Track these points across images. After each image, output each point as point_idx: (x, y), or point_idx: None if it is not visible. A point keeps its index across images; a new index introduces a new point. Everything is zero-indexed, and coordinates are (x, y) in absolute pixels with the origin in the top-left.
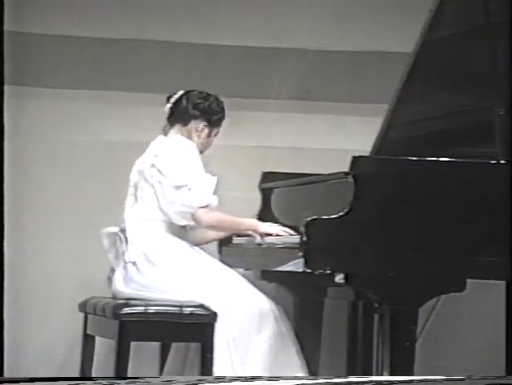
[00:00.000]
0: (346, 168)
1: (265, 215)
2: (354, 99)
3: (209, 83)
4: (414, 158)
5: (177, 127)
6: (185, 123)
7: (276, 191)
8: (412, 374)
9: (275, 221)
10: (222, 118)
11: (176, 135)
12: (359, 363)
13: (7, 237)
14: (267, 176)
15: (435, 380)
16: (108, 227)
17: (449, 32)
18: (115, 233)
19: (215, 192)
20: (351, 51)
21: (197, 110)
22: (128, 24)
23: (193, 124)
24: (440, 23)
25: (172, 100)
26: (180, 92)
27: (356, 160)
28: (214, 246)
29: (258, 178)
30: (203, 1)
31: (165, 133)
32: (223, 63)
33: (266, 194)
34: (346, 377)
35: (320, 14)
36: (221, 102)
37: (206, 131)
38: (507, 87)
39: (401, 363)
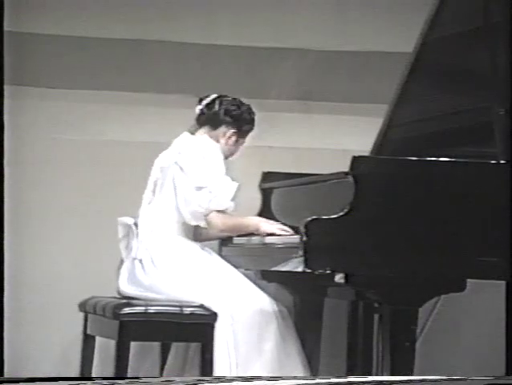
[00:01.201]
0: (346, 168)
1: (265, 215)
2: (354, 99)
3: (209, 83)
4: (414, 158)
5: (206, 129)
6: (215, 127)
7: (276, 191)
8: (412, 374)
9: (275, 221)
10: (251, 128)
11: (203, 136)
12: (359, 363)
13: (7, 236)
14: (267, 176)
15: (435, 380)
16: (123, 217)
17: (449, 32)
18: (129, 225)
19: (233, 198)
20: (351, 51)
21: (229, 116)
22: (128, 24)
23: (221, 129)
24: (440, 23)
25: (204, 103)
26: (214, 96)
27: (356, 160)
28: (215, 246)
29: (258, 178)
30: (203, 1)
31: (192, 132)
32: (223, 63)
33: (266, 194)
34: (346, 377)
35: (320, 13)
36: (253, 113)
37: (234, 138)
38: (507, 87)
39: (401, 363)
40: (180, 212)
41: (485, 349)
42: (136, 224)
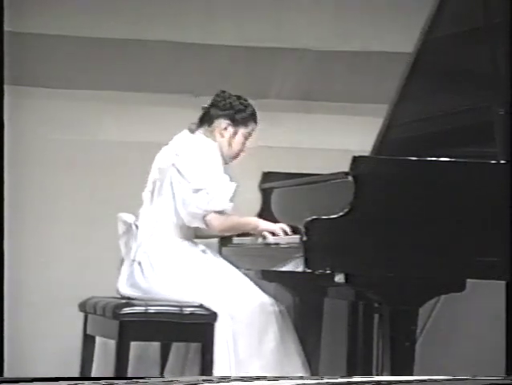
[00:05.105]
0: (346, 168)
1: (265, 215)
2: (354, 99)
3: (209, 83)
4: (414, 158)
5: (203, 128)
6: (210, 123)
7: (276, 191)
8: (412, 374)
9: (275, 221)
10: (248, 118)
11: (200, 135)
12: (359, 363)
13: (7, 236)
14: (267, 176)
15: (435, 380)
16: (124, 213)
17: (449, 32)
18: (129, 223)
19: (232, 199)
20: (351, 51)
21: (218, 108)
22: (128, 24)
23: (216, 124)
24: (440, 23)
25: (208, 102)
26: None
27: (356, 160)
28: (214, 246)
29: (258, 178)
30: (203, 1)
31: (192, 130)
32: (223, 63)
33: (266, 194)
34: (347, 377)
35: (320, 14)
36: (246, 101)
37: (230, 130)
38: (507, 87)
39: (401, 363)
40: (178, 214)
41: (485, 349)
42: (135, 225)
